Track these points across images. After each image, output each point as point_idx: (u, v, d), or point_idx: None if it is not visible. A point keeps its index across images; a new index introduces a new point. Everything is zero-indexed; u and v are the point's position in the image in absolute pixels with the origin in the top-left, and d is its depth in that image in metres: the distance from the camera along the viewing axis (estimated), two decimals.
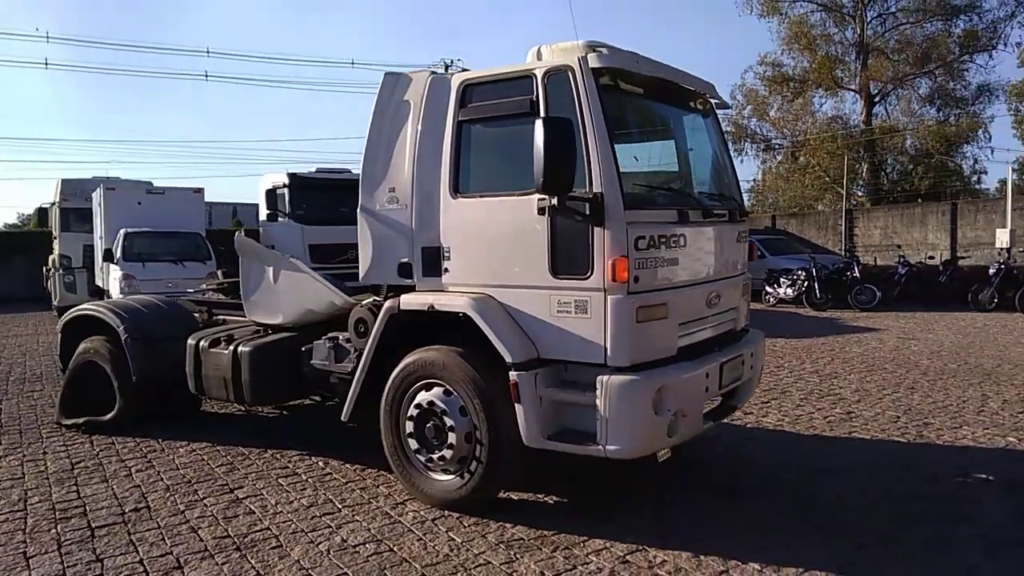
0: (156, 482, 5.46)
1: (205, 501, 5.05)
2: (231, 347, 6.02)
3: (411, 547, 4.25)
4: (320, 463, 5.87)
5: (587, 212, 4.26)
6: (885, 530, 4.43)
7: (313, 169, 17.51)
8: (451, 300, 4.77)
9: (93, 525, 4.64)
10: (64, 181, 19.68)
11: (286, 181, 16.54)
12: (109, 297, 15.09)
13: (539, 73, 4.49)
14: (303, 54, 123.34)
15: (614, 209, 4.23)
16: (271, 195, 16.59)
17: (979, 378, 9.09)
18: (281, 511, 4.85)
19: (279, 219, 16.55)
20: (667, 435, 4.40)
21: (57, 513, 4.85)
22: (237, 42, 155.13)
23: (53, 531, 4.57)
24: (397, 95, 5.09)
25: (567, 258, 4.39)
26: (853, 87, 37.80)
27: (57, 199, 19.48)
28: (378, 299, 5.42)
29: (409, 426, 4.89)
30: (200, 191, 16.89)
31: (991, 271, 17.00)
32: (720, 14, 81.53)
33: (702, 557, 4.09)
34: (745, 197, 39.60)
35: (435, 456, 4.78)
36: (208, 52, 41.44)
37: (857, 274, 17.76)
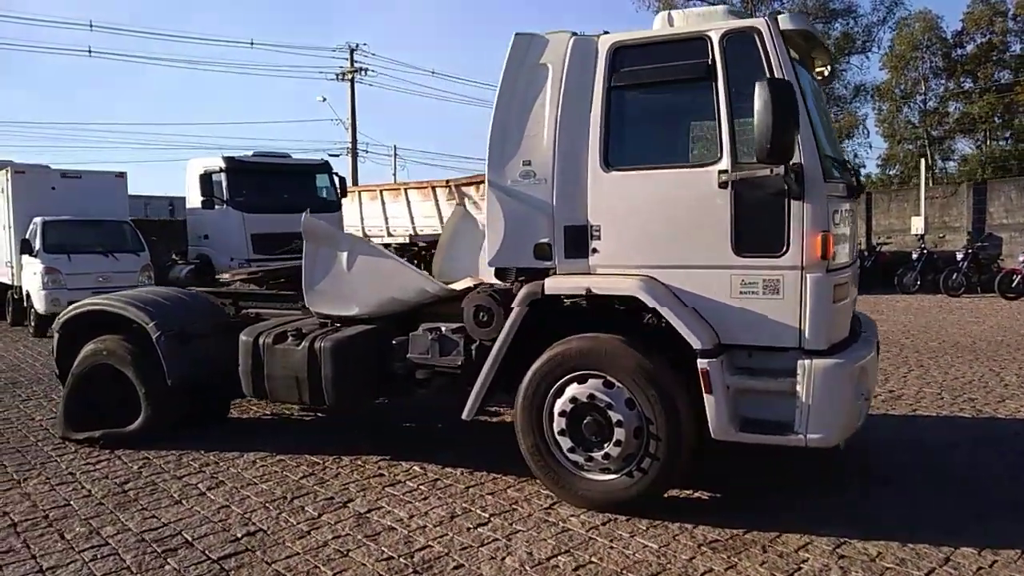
0: (244, 500, 4.73)
1: (325, 519, 4.40)
2: (305, 343, 5.31)
3: (612, 557, 3.83)
4: (416, 468, 5.29)
5: (783, 184, 3.97)
6: None
7: (249, 153, 16.31)
8: (614, 283, 4.36)
9: (212, 556, 3.92)
10: None
11: (222, 165, 15.36)
12: (27, 296, 13.45)
13: (715, 36, 4.15)
14: (198, 32, 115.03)
15: (815, 180, 3.97)
16: (206, 180, 15.32)
17: (970, 355, 9.55)
18: (425, 525, 4.29)
19: (216, 206, 15.30)
20: (857, 420, 4.21)
21: (155, 546, 4.07)
22: (123, 16, 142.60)
23: (169, 567, 3.81)
24: (531, 58, 4.60)
25: (756, 235, 4.09)
26: None
27: None
28: (499, 284, 4.92)
29: (560, 423, 4.44)
30: (123, 175, 15.32)
31: (914, 256, 18.13)
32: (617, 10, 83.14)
33: (912, 546, 3.91)
34: None
35: (596, 455, 4.36)
36: (91, 26, 37.34)
37: None
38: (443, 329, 5.14)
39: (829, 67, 5.18)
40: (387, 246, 22.15)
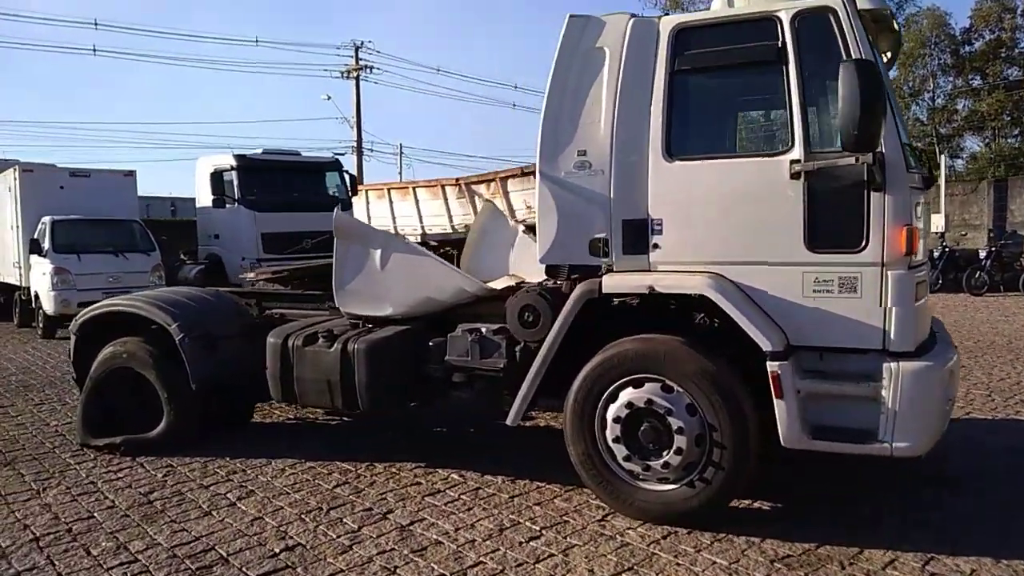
0: (278, 511, 4.45)
1: (366, 532, 4.12)
2: (338, 344, 5.04)
3: (680, 575, 3.56)
4: (454, 476, 5.02)
5: (860, 175, 3.70)
6: None
7: (259, 151, 16.05)
8: (679, 281, 4.08)
9: (251, 573, 3.65)
10: None
11: (233, 163, 15.09)
12: (36, 297, 13.19)
13: (786, 16, 3.88)
14: (204, 31, 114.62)
15: (898, 170, 3.70)
16: (217, 178, 15.08)
17: (1009, 354, 9.28)
18: (474, 539, 4.01)
19: (227, 205, 15.03)
20: (943, 427, 3.93)
21: (188, 562, 3.79)
22: (130, 15, 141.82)
23: None
24: (586, 42, 4.33)
25: (832, 229, 3.81)
26: None
27: None
28: (547, 282, 4.66)
29: (614, 430, 4.17)
30: (131, 174, 15.04)
31: (935, 254, 17.83)
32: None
33: (1006, 562, 3.63)
34: None
35: (654, 464, 4.08)
36: (96, 24, 37.15)
37: None
38: (483, 330, 4.87)
39: (892, 53, 4.90)
40: None
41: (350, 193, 16.58)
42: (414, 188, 23.21)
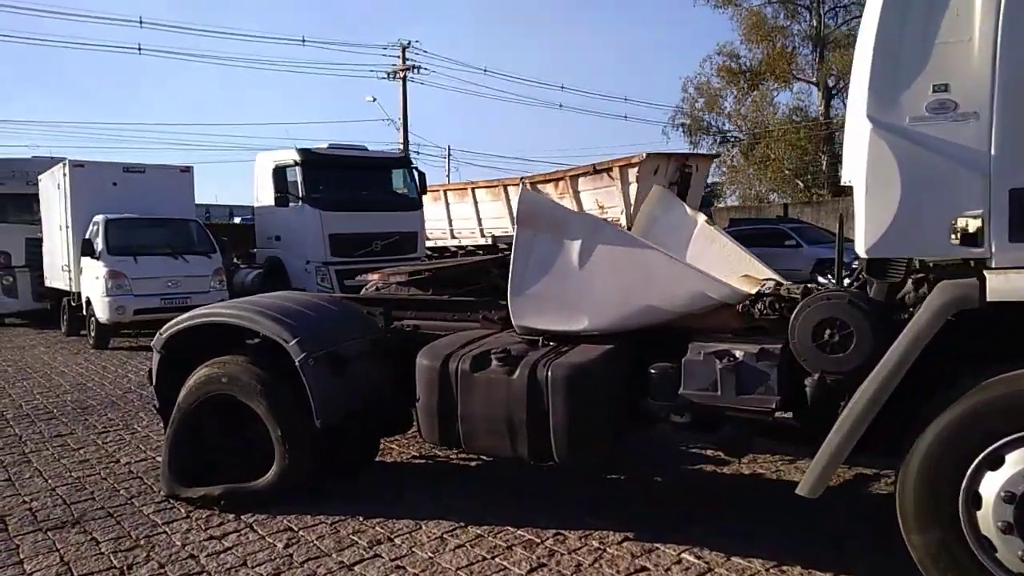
0: None
1: None
2: (522, 370, 3.66)
3: None
4: (686, 556, 3.59)
5: None
6: None
7: (324, 145, 14.82)
8: None
9: None
10: None
11: (297, 158, 13.82)
12: (87, 304, 12.02)
13: None
14: (247, 29, 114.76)
15: None
16: (279, 174, 13.85)
17: None
18: None
19: (290, 203, 13.81)
20: None
21: None
22: (172, 13, 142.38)
23: None
24: None
25: None
26: (812, 79, 37.73)
27: None
28: (816, 284, 3.26)
29: (1000, 513, 2.72)
30: (188, 170, 13.84)
31: None
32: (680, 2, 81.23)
33: None
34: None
35: None
36: (141, 22, 36.57)
37: None
38: (739, 354, 3.45)
39: None
40: (458, 250, 20.78)
41: (420, 192, 15.25)
42: (473, 189, 21.97)
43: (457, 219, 21.76)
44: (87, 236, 11.97)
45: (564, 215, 4.07)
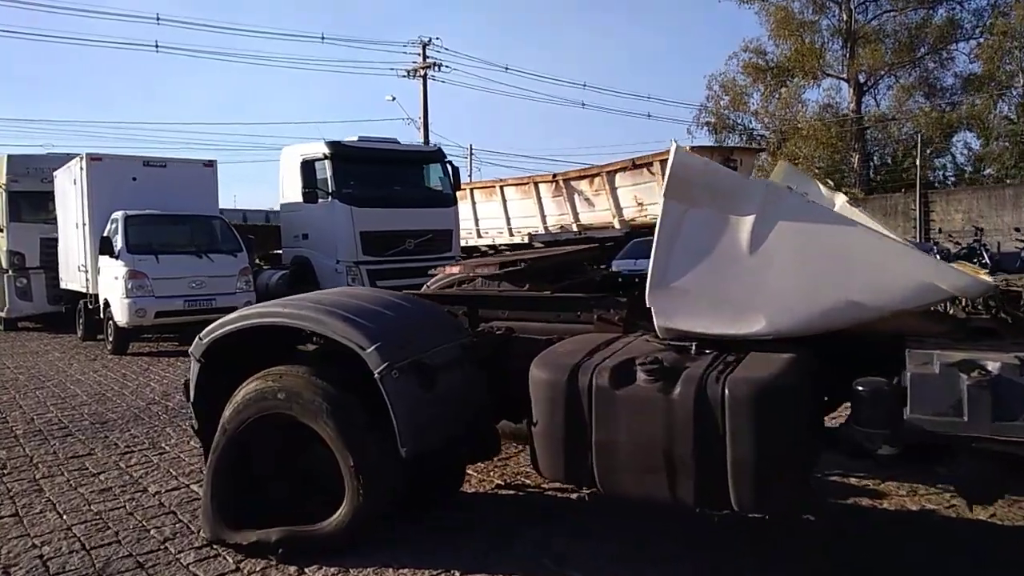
0: None
1: None
2: (686, 387, 2.76)
3: None
4: None
5: None
6: None
7: (354, 138, 14.02)
8: None
9: None
10: (10, 158, 15.42)
11: (326, 151, 13.02)
12: (105, 306, 11.21)
13: None
14: (266, 26, 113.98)
15: None
16: (308, 168, 13.04)
17: None
18: None
19: (319, 199, 12.99)
20: None
21: None
22: (189, 10, 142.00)
23: None
24: None
25: None
26: (842, 75, 36.66)
27: (2, 181, 15.12)
28: None
29: None
30: (212, 164, 13.04)
31: None
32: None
33: None
34: None
35: None
36: (158, 19, 35.82)
37: (987, 260, 15.48)
38: (993, 366, 2.53)
39: None
40: (489, 249, 19.87)
41: (454, 187, 14.40)
42: (501, 187, 21.12)
43: (484, 218, 20.95)
44: (105, 234, 11.18)
45: (731, 182, 3.15)
